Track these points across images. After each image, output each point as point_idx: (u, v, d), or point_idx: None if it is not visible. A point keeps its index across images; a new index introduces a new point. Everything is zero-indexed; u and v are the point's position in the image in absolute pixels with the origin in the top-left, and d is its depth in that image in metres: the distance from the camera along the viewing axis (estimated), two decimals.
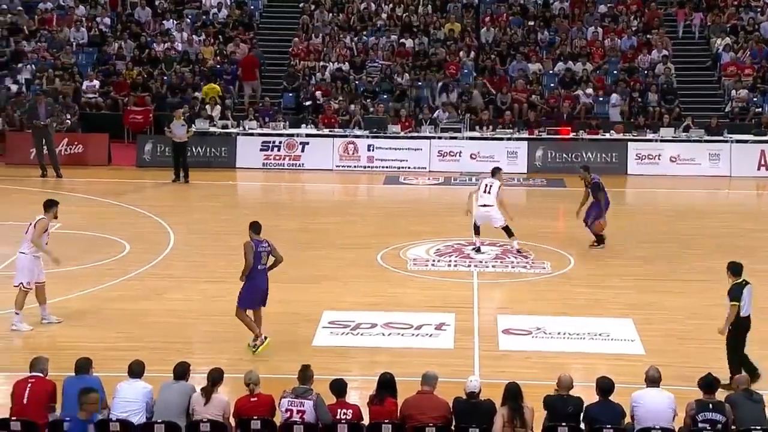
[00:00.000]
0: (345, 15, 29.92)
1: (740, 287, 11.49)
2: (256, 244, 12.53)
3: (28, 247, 13.36)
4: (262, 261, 12.54)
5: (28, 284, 13.28)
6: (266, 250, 12.57)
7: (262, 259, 12.54)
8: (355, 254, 17.35)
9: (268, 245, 12.64)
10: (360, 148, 24.85)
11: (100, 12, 29.53)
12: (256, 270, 12.48)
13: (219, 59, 28.14)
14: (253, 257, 12.40)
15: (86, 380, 9.35)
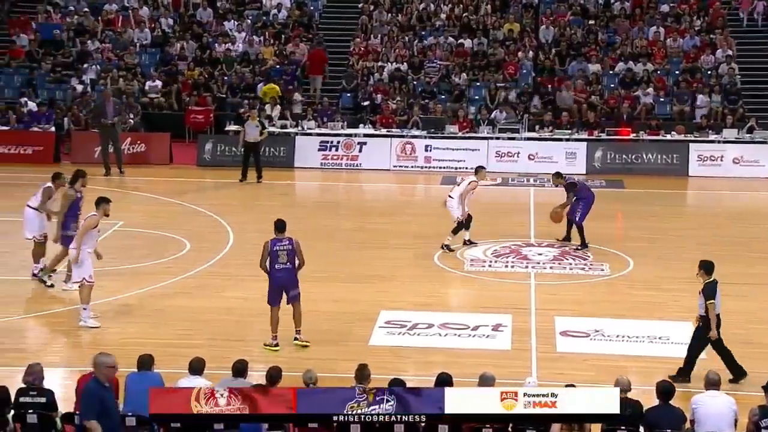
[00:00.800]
0: (404, 15, 29.96)
1: (714, 285, 11.61)
2: (273, 243, 12.60)
3: (83, 245, 13.48)
4: (279, 260, 12.54)
5: (90, 278, 13.53)
6: (285, 249, 12.57)
7: (279, 257, 12.54)
8: (412, 254, 17.37)
9: (290, 244, 12.64)
10: (417, 148, 24.86)
11: (163, 13, 29.97)
12: (275, 269, 12.58)
13: (279, 59, 28.38)
14: (268, 255, 12.50)
15: (148, 376, 9.52)
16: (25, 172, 23.01)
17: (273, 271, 12.59)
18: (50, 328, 13.65)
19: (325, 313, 14.29)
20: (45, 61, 28.08)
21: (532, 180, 23.97)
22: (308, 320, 13.00)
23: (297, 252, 12.69)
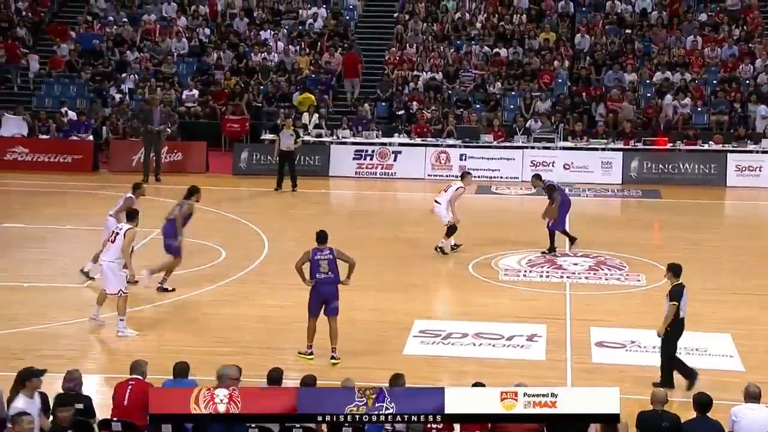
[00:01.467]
0: (439, 25, 29.99)
1: (681, 288, 11.77)
2: (315, 253, 12.62)
3: (113, 256, 13.59)
4: (320, 269, 12.55)
5: (126, 289, 13.65)
6: (326, 258, 12.57)
7: (321, 267, 12.55)
8: (446, 263, 17.36)
9: (331, 254, 12.66)
10: (452, 157, 24.85)
11: (201, 23, 30.23)
12: (316, 278, 12.58)
13: (314, 69, 28.51)
14: (309, 265, 12.51)
15: (184, 384, 9.57)
16: (65, 180, 23.33)
17: (315, 281, 12.60)
18: (88, 335, 13.77)
19: (359, 321, 14.28)
20: (84, 70, 28.42)
21: (567, 189, 23.80)
22: (343, 329, 12.99)
23: (340, 258, 12.68)
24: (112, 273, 13.58)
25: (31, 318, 14.16)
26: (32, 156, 24.25)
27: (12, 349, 12.86)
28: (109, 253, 13.63)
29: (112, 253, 13.60)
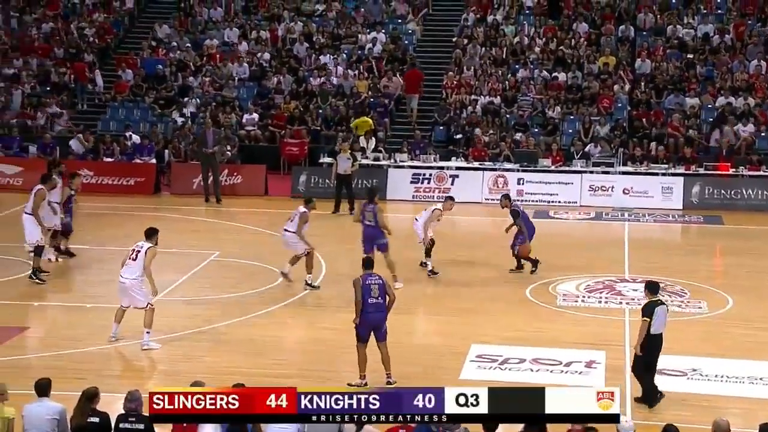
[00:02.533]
0: (498, 49, 30.00)
1: (653, 305, 11.96)
2: (365, 278, 12.64)
3: (135, 273, 13.85)
4: (372, 293, 12.52)
5: (153, 302, 13.97)
6: (377, 283, 12.58)
7: (372, 291, 12.52)
8: (503, 288, 17.27)
9: (381, 279, 12.71)
10: (510, 181, 24.78)
11: (261, 48, 30.64)
12: (367, 303, 12.52)
13: (372, 93, 28.69)
14: (362, 291, 12.49)
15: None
16: (127, 202, 23.74)
17: (366, 306, 12.52)
18: (148, 356, 13.95)
19: (415, 346, 14.28)
20: (148, 95, 28.98)
21: (627, 215, 23.61)
22: (398, 353, 12.99)
23: (387, 287, 12.71)
24: (137, 289, 13.87)
25: (93, 338, 14.39)
26: (96, 178, 24.74)
27: (75, 368, 13.06)
28: (131, 270, 13.86)
29: (134, 270, 13.84)
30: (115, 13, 32.33)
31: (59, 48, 30.35)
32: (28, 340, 14.54)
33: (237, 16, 31.98)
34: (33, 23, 31.48)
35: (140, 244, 14.15)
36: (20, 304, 16.16)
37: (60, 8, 32.32)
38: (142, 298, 13.90)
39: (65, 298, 16.47)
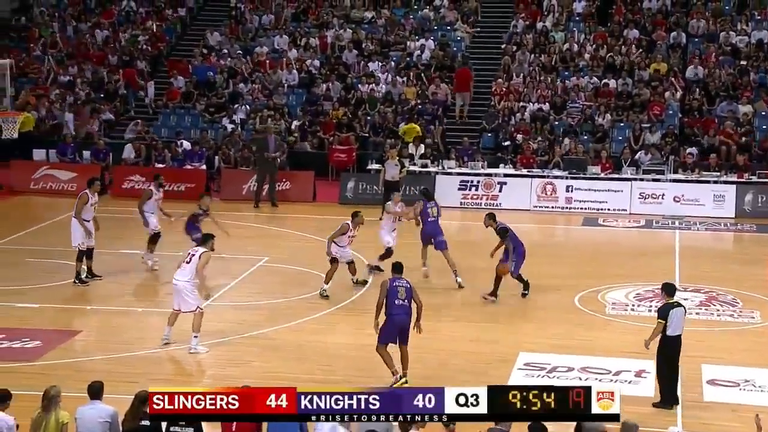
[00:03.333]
0: (547, 56, 29.87)
1: (669, 307, 12.05)
2: (392, 281, 12.75)
3: (188, 276, 14.07)
4: (399, 296, 12.62)
5: (203, 306, 14.17)
6: (404, 286, 12.70)
7: (399, 293, 12.63)
8: (551, 296, 17.16)
9: (408, 283, 12.81)
10: (558, 189, 24.63)
11: (311, 55, 30.84)
12: (393, 305, 12.62)
13: (421, 100, 28.73)
14: (387, 293, 12.59)
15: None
16: (178, 208, 23.95)
17: (392, 308, 12.63)
18: (198, 360, 14.10)
19: (462, 353, 14.27)
20: (199, 102, 29.30)
21: (678, 222, 23.35)
22: (445, 359, 12.99)
23: (414, 292, 12.80)
24: (188, 292, 14.08)
25: (145, 342, 14.58)
26: (148, 184, 24.95)
27: (126, 372, 13.24)
28: (184, 273, 14.10)
29: (186, 273, 14.08)
30: (168, 20, 32.76)
31: (113, 55, 30.83)
32: (80, 344, 14.76)
33: (287, 23, 32.22)
34: (88, 31, 32.01)
35: (196, 248, 14.46)
36: (73, 308, 16.44)
37: (114, 16, 32.84)
38: (192, 301, 14.11)
39: (117, 302, 16.66)
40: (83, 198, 17.27)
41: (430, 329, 15.35)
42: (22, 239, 20.47)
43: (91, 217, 17.34)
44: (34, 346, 14.36)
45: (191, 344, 14.13)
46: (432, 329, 15.32)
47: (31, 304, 16.33)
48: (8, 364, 13.49)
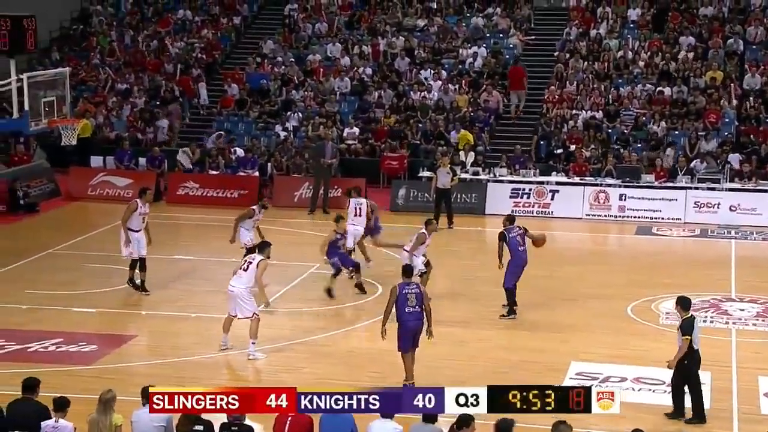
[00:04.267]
0: (600, 63, 29.65)
1: (691, 321, 11.98)
2: (402, 287, 12.85)
3: (245, 283, 14.22)
4: (408, 303, 12.72)
5: (259, 312, 14.29)
6: (414, 293, 12.78)
7: (408, 301, 12.72)
8: (604, 305, 17.01)
9: (418, 288, 12.91)
10: (611, 197, 24.38)
11: (363, 62, 30.97)
12: (404, 312, 12.73)
13: (472, 108, 28.69)
14: (396, 300, 12.69)
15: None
16: (231, 214, 24.16)
17: (403, 315, 12.72)
18: (252, 365, 14.22)
19: (513, 362, 14.22)
20: (252, 109, 29.58)
21: (734, 232, 23.00)
22: (496, 368, 12.94)
23: (424, 296, 12.87)
24: (244, 299, 14.21)
25: (197, 347, 14.74)
26: (202, 191, 25.37)
27: (180, 376, 13.41)
28: (241, 280, 14.24)
29: (244, 280, 14.23)
30: (223, 29, 33.14)
31: (169, 63, 31.26)
32: (135, 348, 14.96)
33: (340, 31, 32.40)
34: (145, 40, 32.52)
35: (253, 256, 14.60)
36: (129, 313, 16.69)
37: (170, 25, 33.31)
38: (249, 308, 14.23)
39: (171, 307, 16.83)
40: (131, 206, 17.27)
41: (480, 338, 15.43)
42: (80, 244, 20.82)
43: (141, 228, 17.27)
44: (90, 350, 14.62)
45: (249, 350, 14.26)
46: (482, 338, 15.43)
47: (87, 309, 16.61)
48: (65, 367, 13.72)
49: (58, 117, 20.75)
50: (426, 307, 12.86)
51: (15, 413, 9.82)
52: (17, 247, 20.79)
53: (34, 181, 25.12)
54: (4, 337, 15.01)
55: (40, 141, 27.51)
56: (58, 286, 17.69)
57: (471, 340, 15.30)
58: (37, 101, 20.20)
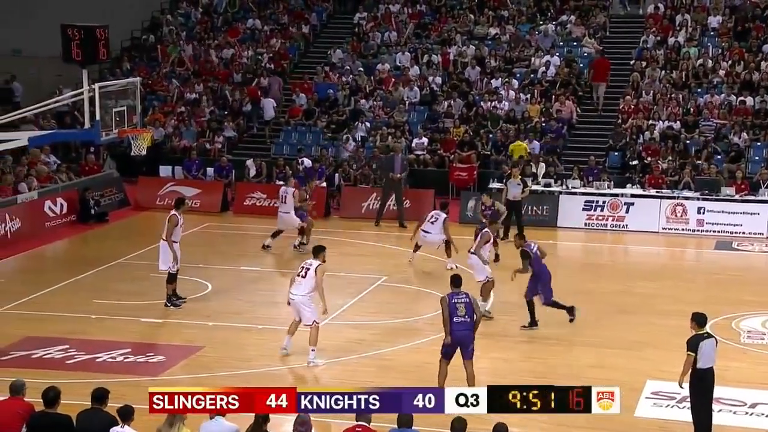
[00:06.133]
0: (678, 72, 28.86)
1: (699, 338, 11.44)
2: (451, 297, 12.83)
3: (305, 290, 14.21)
4: (458, 312, 12.72)
5: (319, 320, 14.32)
6: (463, 302, 12.76)
7: (458, 310, 12.72)
8: (681, 322, 16.10)
9: (467, 297, 12.85)
10: (689, 210, 23.59)
11: (432, 72, 30.65)
12: (452, 322, 12.72)
13: (544, 117, 28.15)
14: (449, 310, 12.69)
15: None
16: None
17: (452, 325, 12.72)
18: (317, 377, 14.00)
19: (586, 379, 13.70)
20: (320, 119, 29.44)
21: None
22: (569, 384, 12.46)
23: (474, 307, 12.84)
24: (306, 306, 14.24)
25: (264, 359, 14.58)
26: (269, 201, 25.23)
27: None
28: (300, 287, 14.23)
29: (304, 287, 14.20)
30: (291, 38, 33.13)
31: (237, 73, 31.34)
32: (202, 359, 14.83)
33: (409, 39, 32.14)
34: (214, 49, 32.65)
35: (309, 262, 14.47)
36: (195, 323, 16.53)
37: (239, 34, 33.42)
38: (310, 315, 14.24)
39: (238, 318, 16.72)
40: (173, 220, 17.05)
41: (552, 353, 15.05)
42: (148, 254, 20.79)
43: (180, 239, 17.21)
44: (157, 361, 14.59)
45: (309, 357, 14.26)
46: (553, 353, 15.07)
47: (155, 319, 16.61)
48: (133, 378, 13.65)
49: (129, 127, 20.80)
50: (477, 314, 12.87)
51: (84, 423, 9.79)
52: (87, 256, 20.95)
53: (104, 190, 25.33)
54: (74, 346, 15.07)
55: (110, 151, 27.75)
56: (126, 295, 17.70)
57: (542, 356, 14.95)
58: (108, 111, 20.31)
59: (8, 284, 18.19)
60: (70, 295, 16.02)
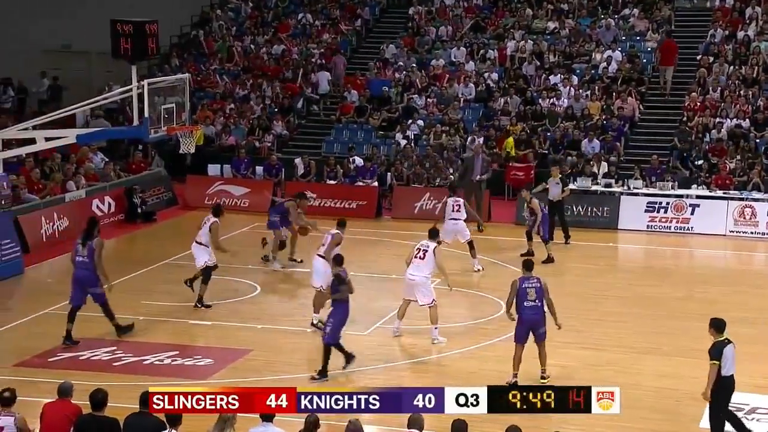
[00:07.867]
0: (748, 67, 27.75)
1: (721, 345, 11.27)
2: (522, 281, 13.15)
3: (425, 271, 14.99)
4: (528, 297, 13.02)
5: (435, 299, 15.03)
6: (534, 287, 13.05)
7: (528, 295, 13.02)
8: (749, 329, 15.67)
9: (538, 282, 13.12)
10: (758, 212, 22.59)
11: (488, 68, 29.89)
12: (523, 307, 13.05)
13: (605, 115, 27.25)
14: (517, 293, 13.08)
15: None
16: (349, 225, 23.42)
17: (522, 309, 13.05)
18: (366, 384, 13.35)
19: (649, 388, 13.39)
20: (373, 116, 28.84)
21: None
22: (631, 395, 11.99)
23: (545, 291, 13.10)
24: (424, 287, 14.93)
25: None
26: (319, 201, 24.69)
27: None
28: (419, 268, 14.92)
29: (423, 268, 14.91)
30: (343, 33, 32.57)
31: (287, 69, 30.86)
32: (251, 363, 14.52)
33: (465, 34, 31.40)
34: (264, 45, 32.22)
35: (425, 243, 15.16)
36: (244, 326, 16.19)
37: (290, 29, 32.95)
38: (427, 295, 14.89)
39: (287, 321, 16.40)
40: (216, 228, 16.89)
41: (614, 362, 14.53)
42: None
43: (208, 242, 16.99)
44: (205, 364, 14.40)
45: (432, 335, 14.93)
46: (615, 362, 14.56)
47: (204, 322, 16.33)
48: (181, 381, 13.38)
49: (177, 124, 20.48)
50: (548, 300, 13.11)
51: (132, 427, 9.66)
52: (134, 256, 20.72)
53: (151, 189, 24.98)
54: (121, 348, 14.90)
55: (158, 148, 27.43)
56: (174, 297, 17.39)
57: (600, 363, 14.51)
58: (157, 108, 19.99)
59: (57, 284, 17.96)
60: (117, 296, 15.74)
